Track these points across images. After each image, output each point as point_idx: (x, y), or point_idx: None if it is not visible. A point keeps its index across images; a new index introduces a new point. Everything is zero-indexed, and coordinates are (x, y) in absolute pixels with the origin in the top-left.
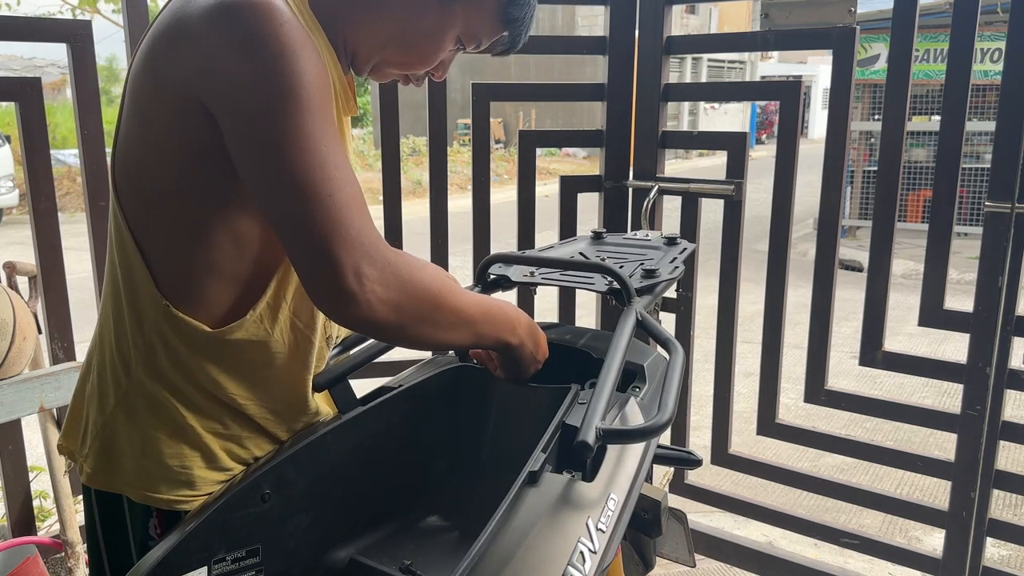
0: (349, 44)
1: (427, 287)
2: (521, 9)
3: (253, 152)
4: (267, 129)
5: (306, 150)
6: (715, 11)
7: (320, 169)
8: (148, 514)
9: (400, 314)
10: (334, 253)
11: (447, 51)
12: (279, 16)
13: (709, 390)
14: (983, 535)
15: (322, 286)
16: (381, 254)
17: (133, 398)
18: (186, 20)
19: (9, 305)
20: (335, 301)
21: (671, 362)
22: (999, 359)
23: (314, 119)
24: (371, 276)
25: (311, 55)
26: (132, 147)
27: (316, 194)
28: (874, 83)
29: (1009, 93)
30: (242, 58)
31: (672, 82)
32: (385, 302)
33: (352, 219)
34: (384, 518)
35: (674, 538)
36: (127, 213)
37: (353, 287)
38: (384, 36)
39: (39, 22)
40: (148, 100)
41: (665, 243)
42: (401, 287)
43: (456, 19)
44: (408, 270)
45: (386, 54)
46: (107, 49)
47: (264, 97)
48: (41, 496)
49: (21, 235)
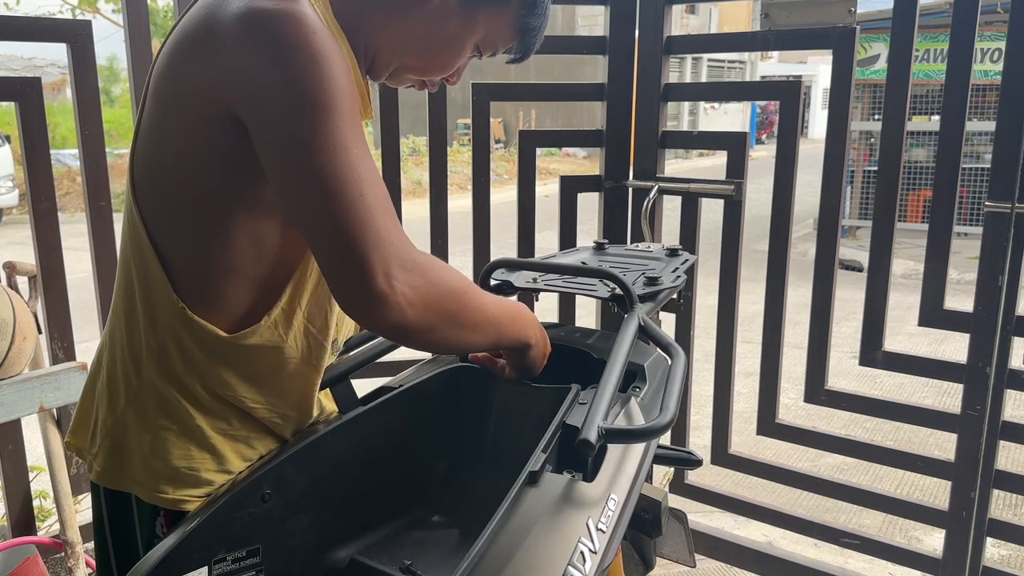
0: (370, 49)
1: (454, 289)
2: (538, 19)
3: (285, 155)
4: (300, 132)
5: (338, 152)
6: (715, 11)
7: (350, 170)
8: (156, 513)
9: (429, 316)
10: (364, 253)
11: (465, 57)
12: (310, 24)
13: (709, 390)
14: (983, 535)
15: (351, 288)
16: (410, 255)
17: (143, 398)
18: (216, 26)
19: (9, 305)
20: (365, 304)
21: (673, 366)
22: (999, 359)
23: (344, 123)
24: (400, 278)
25: (340, 62)
26: (154, 149)
27: (347, 194)
28: (874, 83)
29: (1009, 93)
30: (274, 66)
31: (672, 82)
32: (414, 304)
33: (382, 220)
34: (384, 518)
35: (674, 538)
36: (145, 214)
37: (383, 288)
38: (405, 42)
39: (39, 22)
40: (172, 104)
41: (667, 254)
42: (430, 289)
43: (478, 27)
44: (435, 272)
45: (406, 59)
46: (107, 49)
47: (297, 103)
48: (41, 496)
49: (21, 235)
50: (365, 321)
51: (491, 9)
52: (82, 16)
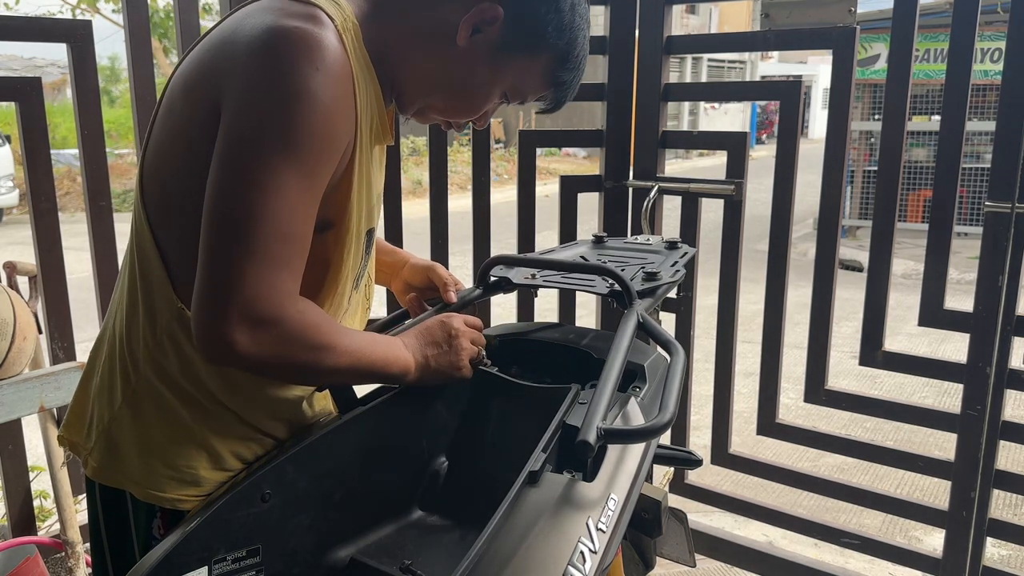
0: (397, 83)
1: (310, 346)
2: (571, 73)
3: (217, 162)
4: (237, 151)
5: (250, 189)
6: (715, 11)
7: (252, 210)
8: (152, 514)
9: (265, 368)
10: (217, 294)
11: (492, 103)
12: (317, 58)
13: (709, 390)
14: (983, 535)
15: (195, 318)
16: (267, 311)
17: (140, 395)
18: (234, 40)
19: (9, 305)
20: (199, 338)
21: (672, 364)
22: (999, 359)
23: (287, 166)
24: (244, 331)
25: (330, 109)
26: (165, 155)
27: (231, 232)
28: (874, 83)
29: (1009, 93)
30: (260, 79)
31: (672, 82)
32: (249, 357)
33: (253, 271)
34: (384, 518)
35: (674, 538)
36: (152, 217)
37: (220, 332)
38: (432, 83)
39: (39, 22)
40: (184, 112)
41: (666, 247)
42: (275, 346)
43: (506, 76)
44: (290, 329)
45: (431, 100)
46: (107, 49)
47: (253, 122)
48: (41, 496)
49: (21, 235)
50: (199, 350)
51: (521, 58)
52: (82, 16)
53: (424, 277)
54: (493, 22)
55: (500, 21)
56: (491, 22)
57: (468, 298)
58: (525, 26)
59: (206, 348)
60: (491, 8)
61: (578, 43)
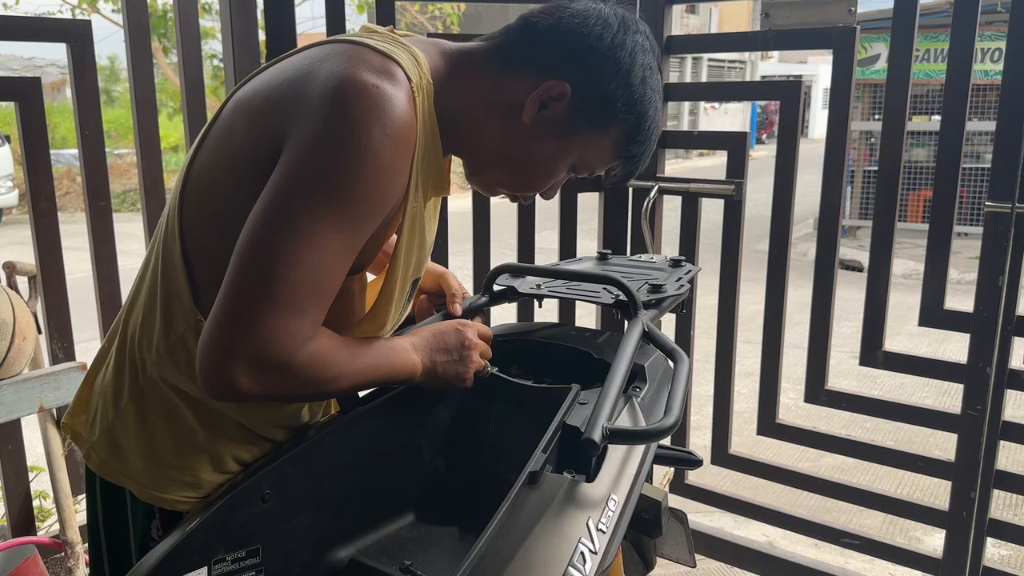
0: (463, 150)
1: (313, 381)
2: (641, 146)
3: (262, 200)
4: (284, 195)
5: (289, 237)
6: (715, 11)
7: (281, 257)
8: (150, 514)
9: (266, 398)
10: (227, 333)
11: (559, 177)
12: (387, 120)
13: (709, 390)
14: (983, 535)
15: (202, 349)
16: (275, 357)
17: (146, 396)
18: (308, 80)
19: (9, 305)
20: (201, 370)
21: (677, 370)
22: (999, 359)
23: (330, 222)
24: (248, 373)
25: (387, 171)
26: (219, 173)
27: (256, 274)
28: (874, 83)
29: (1009, 93)
30: (326, 133)
31: (672, 82)
32: (250, 394)
33: (270, 315)
34: (384, 518)
35: (674, 538)
36: (186, 228)
37: (222, 369)
38: (497, 156)
39: (39, 22)
40: (248, 137)
41: (670, 265)
42: (278, 385)
43: (574, 151)
44: (295, 372)
45: (494, 172)
46: (107, 49)
47: (315, 174)
48: (41, 496)
49: (21, 235)
50: (199, 378)
51: (589, 134)
52: (82, 16)
53: (435, 282)
54: (560, 99)
55: (568, 98)
56: (558, 99)
57: (473, 306)
58: (593, 102)
59: (206, 380)
60: (558, 85)
61: (649, 116)
